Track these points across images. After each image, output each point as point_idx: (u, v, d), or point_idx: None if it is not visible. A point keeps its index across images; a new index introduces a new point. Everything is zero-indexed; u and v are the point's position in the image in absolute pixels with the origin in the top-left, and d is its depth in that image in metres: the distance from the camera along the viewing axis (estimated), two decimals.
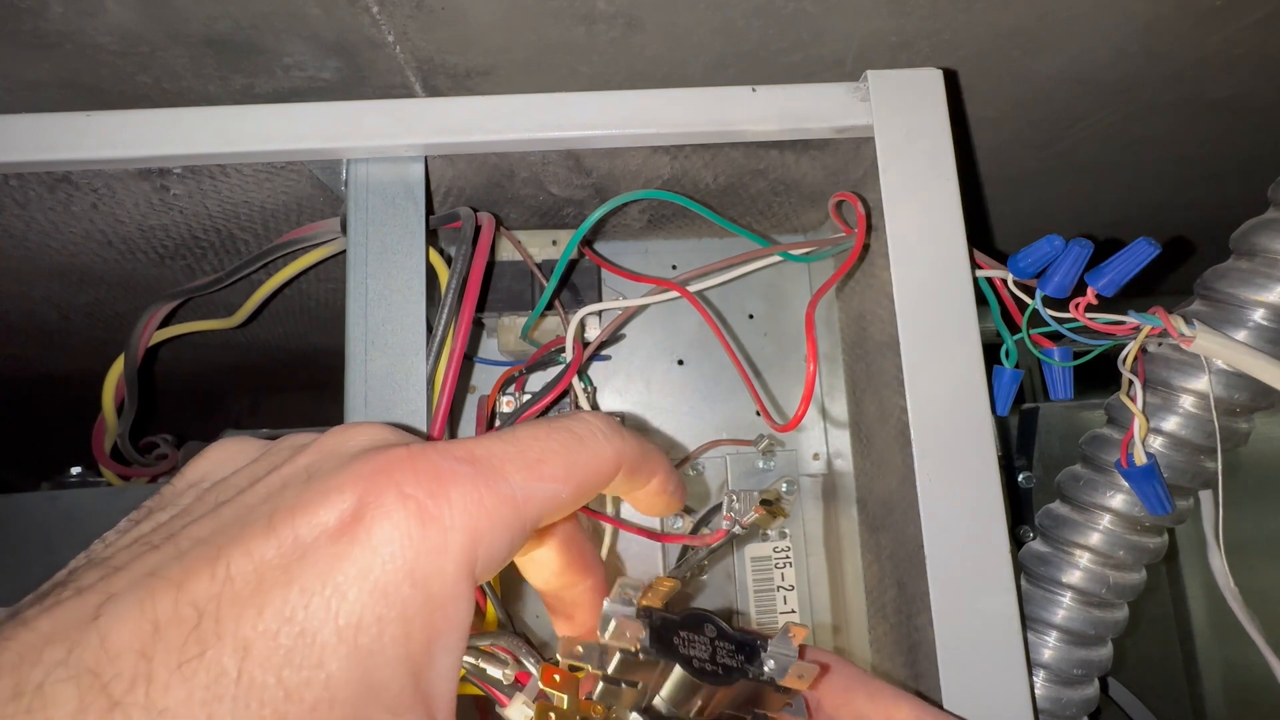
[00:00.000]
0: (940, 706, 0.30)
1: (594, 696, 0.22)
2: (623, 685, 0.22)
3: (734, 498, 0.34)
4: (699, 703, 0.23)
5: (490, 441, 0.19)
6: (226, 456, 0.21)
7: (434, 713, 0.16)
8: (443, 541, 0.16)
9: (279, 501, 0.17)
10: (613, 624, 0.22)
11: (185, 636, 0.14)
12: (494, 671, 0.25)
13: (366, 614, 0.15)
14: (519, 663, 0.25)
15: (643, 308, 0.40)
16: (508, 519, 0.18)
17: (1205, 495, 0.37)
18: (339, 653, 0.15)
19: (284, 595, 0.15)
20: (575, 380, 0.40)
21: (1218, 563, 0.36)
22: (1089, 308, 0.33)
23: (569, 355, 0.39)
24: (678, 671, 0.23)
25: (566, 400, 0.41)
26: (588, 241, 0.44)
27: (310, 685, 0.15)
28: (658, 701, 0.23)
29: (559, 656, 0.23)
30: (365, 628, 0.15)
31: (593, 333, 0.43)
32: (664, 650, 0.23)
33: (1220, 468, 0.35)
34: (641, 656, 0.22)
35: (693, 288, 0.38)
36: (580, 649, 0.23)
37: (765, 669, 0.24)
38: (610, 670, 0.23)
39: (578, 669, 0.23)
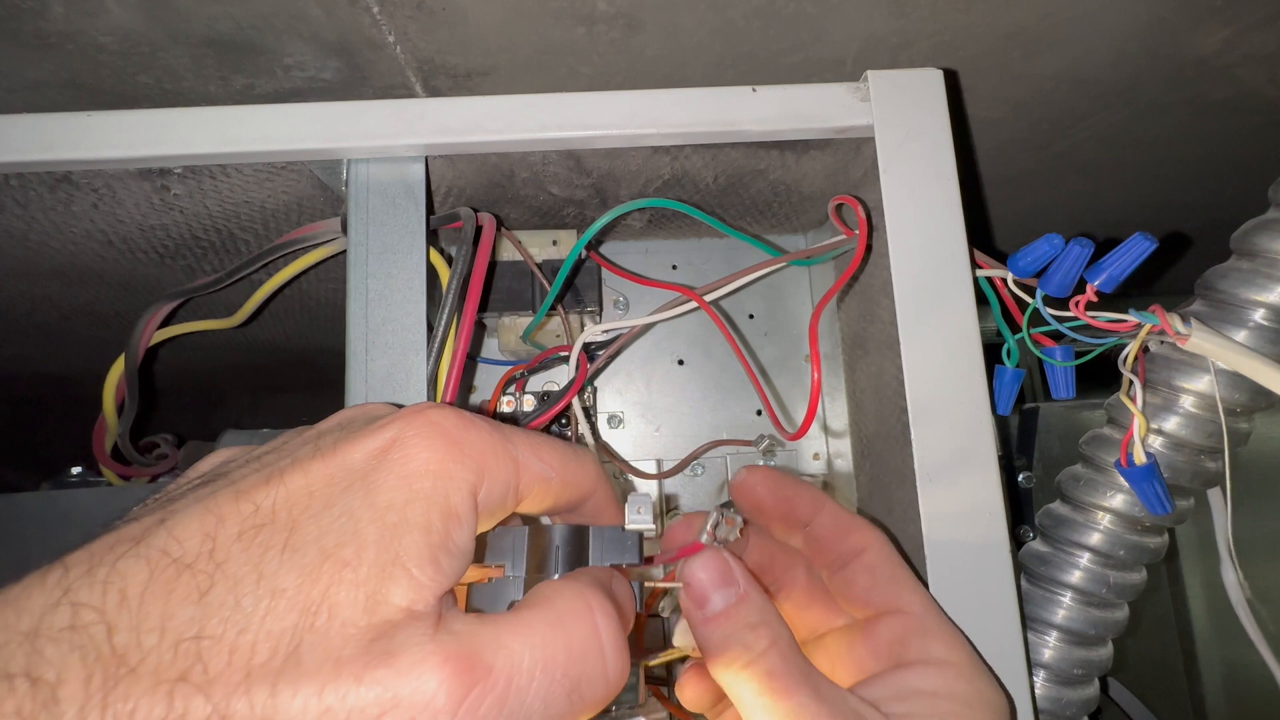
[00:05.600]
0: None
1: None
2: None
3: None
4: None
5: (503, 423, 0.23)
6: (239, 451, 0.22)
7: (448, 591, 0.19)
8: (461, 461, 0.20)
9: (322, 443, 0.20)
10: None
11: (244, 520, 0.18)
12: None
13: (396, 497, 0.18)
14: None
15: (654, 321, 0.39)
16: (508, 472, 0.21)
17: (1216, 507, 0.37)
18: (372, 523, 0.18)
19: (328, 493, 0.18)
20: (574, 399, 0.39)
21: (1231, 577, 0.36)
22: (1089, 305, 0.33)
23: (573, 372, 0.39)
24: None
25: (566, 416, 0.40)
26: (590, 244, 0.44)
27: (344, 547, 0.17)
28: None
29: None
30: (394, 508, 0.18)
31: (594, 337, 0.43)
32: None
33: (1228, 477, 0.35)
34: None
35: (704, 296, 0.37)
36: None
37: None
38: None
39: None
